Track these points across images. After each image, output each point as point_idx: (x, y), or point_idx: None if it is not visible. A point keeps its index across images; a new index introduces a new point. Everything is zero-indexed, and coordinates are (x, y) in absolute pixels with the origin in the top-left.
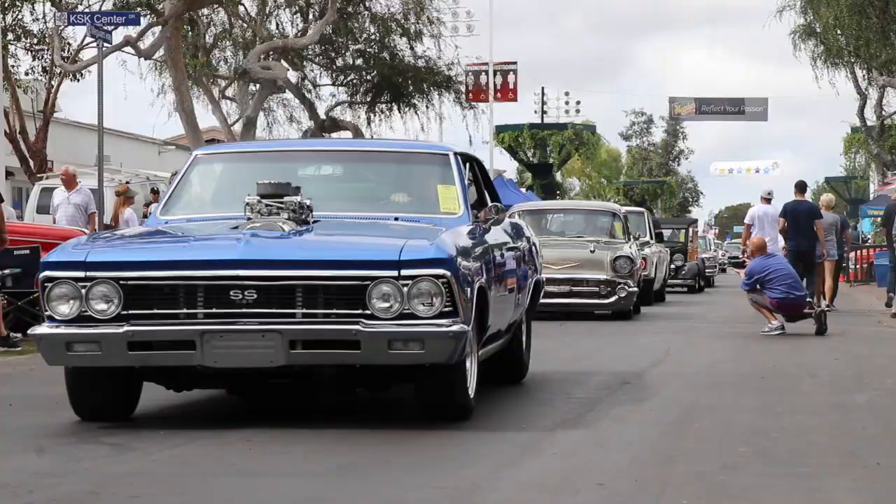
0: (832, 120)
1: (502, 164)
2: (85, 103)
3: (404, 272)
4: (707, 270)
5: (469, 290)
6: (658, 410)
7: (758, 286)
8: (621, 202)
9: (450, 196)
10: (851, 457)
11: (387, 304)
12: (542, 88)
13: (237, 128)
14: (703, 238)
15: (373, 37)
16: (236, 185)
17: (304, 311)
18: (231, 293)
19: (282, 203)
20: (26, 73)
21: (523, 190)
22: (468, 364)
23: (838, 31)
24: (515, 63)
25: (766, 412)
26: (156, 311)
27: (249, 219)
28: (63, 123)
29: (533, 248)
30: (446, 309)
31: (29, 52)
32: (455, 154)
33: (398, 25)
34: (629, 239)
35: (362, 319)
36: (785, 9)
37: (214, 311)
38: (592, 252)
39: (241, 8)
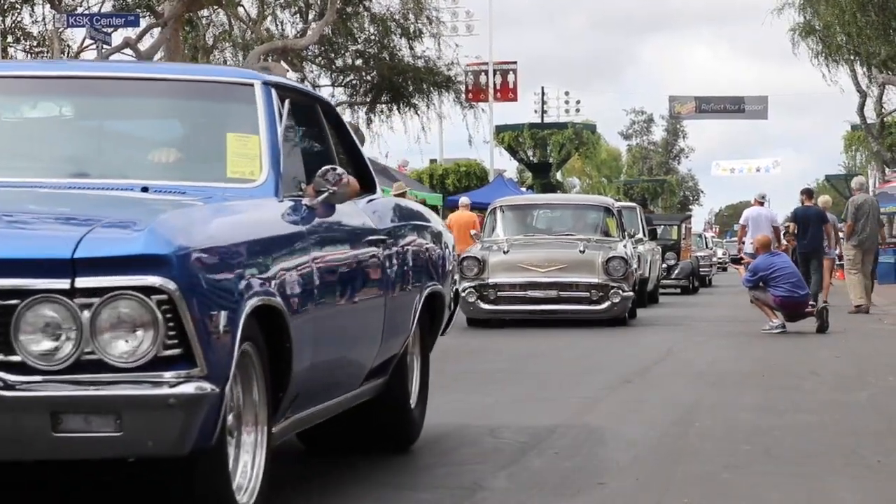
0: (833, 117)
1: (502, 163)
2: None
3: (83, 282)
4: (702, 269)
5: (226, 314)
6: (659, 409)
7: (761, 283)
8: (622, 201)
9: (246, 152)
10: (854, 455)
11: (51, 344)
12: (542, 88)
13: None
14: (699, 236)
15: (372, 37)
16: None
17: None
18: None
19: None
20: None
21: (523, 189)
22: (243, 451)
23: (838, 29)
24: (515, 63)
25: (768, 410)
26: None
27: None
28: None
29: (435, 241)
30: (170, 351)
31: (28, 55)
32: (265, 85)
33: (398, 25)
34: (624, 237)
35: (2, 373)
36: (785, 6)
37: None
38: (582, 252)
39: (240, 9)
